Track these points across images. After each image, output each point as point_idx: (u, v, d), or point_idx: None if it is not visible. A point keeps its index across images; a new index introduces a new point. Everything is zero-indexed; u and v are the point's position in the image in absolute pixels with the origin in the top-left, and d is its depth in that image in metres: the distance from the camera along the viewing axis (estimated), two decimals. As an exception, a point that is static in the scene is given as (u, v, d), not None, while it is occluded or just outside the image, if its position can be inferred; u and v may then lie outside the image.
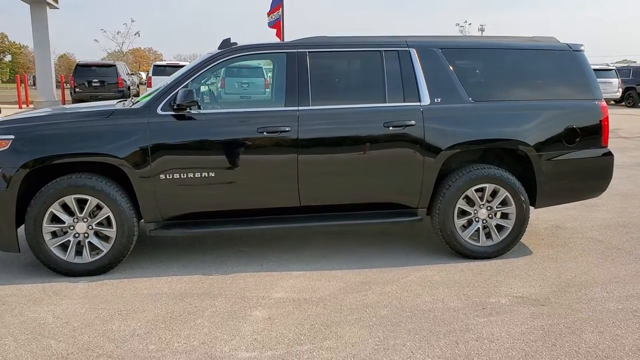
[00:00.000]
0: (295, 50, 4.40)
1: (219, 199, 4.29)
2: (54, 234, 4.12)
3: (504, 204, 4.50)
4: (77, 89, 21.52)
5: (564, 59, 4.73)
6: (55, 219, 4.08)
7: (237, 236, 5.15)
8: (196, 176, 4.17)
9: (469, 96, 4.47)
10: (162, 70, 20.37)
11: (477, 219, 4.50)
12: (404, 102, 4.39)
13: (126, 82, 23.07)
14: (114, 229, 4.12)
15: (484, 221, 4.51)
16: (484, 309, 3.59)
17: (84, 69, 22.04)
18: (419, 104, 4.39)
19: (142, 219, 4.28)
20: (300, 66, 4.35)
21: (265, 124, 4.22)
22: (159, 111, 4.16)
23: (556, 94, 4.66)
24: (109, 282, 4.05)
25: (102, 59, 47.36)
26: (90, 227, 4.12)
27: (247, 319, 3.46)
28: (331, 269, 4.32)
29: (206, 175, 4.18)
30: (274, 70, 4.99)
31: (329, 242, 4.99)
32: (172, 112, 4.16)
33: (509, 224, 4.50)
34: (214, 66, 4.35)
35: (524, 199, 4.48)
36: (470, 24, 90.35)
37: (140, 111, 4.20)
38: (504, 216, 4.54)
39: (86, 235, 4.13)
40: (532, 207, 4.64)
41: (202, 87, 4.77)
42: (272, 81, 5.21)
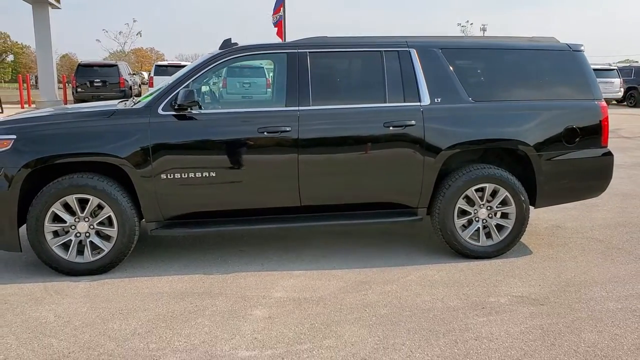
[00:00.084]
0: (295, 50, 4.41)
1: (220, 198, 4.31)
2: (56, 234, 4.13)
3: (504, 203, 4.51)
4: (79, 89, 21.54)
5: (564, 59, 4.74)
6: (56, 219, 4.10)
7: (238, 236, 5.17)
8: (197, 176, 4.18)
9: (469, 96, 4.48)
10: (163, 70, 20.35)
11: (477, 219, 4.51)
12: (404, 102, 4.41)
13: (128, 82, 23.07)
14: (115, 229, 4.14)
15: (484, 221, 4.52)
16: (484, 308, 3.60)
17: (85, 69, 22.05)
18: (419, 104, 4.40)
19: (143, 218, 4.29)
20: (300, 66, 4.36)
21: (265, 124, 4.23)
22: (160, 111, 4.18)
23: (556, 94, 4.67)
24: (110, 281, 4.07)
25: (104, 59, 47.41)
26: (91, 227, 4.14)
27: (248, 318, 3.47)
28: (331, 269, 4.33)
29: (207, 175, 4.19)
30: (274, 70, 5.00)
31: (330, 241, 5.00)
32: (173, 112, 4.17)
33: (509, 224, 4.51)
34: (215, 66, 4.36)
35: (524, 198, 4.49)
36: (472, 23, 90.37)
37: (141, 111, 4.22)
38: (504, 216, 4.54)
39: (87, 234, 4.15)
40: (532, 207, 4.65)
41: (203, 87, 4.79)
42: (273, 81, 5.23)
